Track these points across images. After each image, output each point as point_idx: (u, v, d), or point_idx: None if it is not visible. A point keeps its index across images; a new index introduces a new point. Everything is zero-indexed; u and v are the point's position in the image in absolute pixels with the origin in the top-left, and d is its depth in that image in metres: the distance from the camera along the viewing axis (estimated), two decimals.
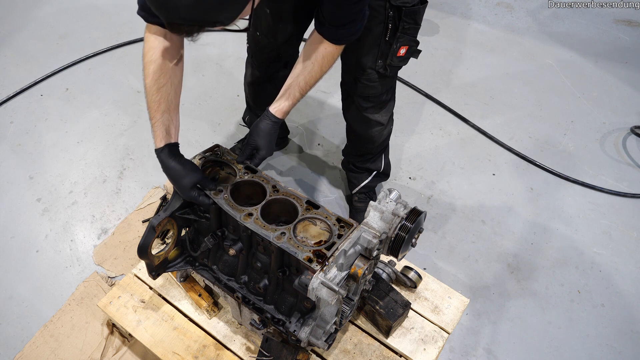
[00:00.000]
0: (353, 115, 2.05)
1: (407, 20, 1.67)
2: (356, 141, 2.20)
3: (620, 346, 2.07)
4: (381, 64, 1.78)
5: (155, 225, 1.47)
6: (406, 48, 1.75)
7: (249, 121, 2.47)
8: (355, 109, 2.00)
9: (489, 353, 2.03)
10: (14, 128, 2.76)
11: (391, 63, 1.78)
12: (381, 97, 1.94)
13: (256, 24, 1.90)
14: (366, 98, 1.92)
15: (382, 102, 1.96)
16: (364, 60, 1.78)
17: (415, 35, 1.75)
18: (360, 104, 1.95)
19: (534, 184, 2.64)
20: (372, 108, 1.97)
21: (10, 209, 2.41)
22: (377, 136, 2.09)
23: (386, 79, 1.86)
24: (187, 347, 1.70)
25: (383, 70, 1.80)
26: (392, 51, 1.74)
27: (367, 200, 2.38)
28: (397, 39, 1.71)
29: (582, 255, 2.36)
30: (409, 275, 1.81)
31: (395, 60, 1.77)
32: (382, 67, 1.79)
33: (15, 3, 3.54)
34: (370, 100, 1.93)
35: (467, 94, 3.10)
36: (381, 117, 2.01)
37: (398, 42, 1.72)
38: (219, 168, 1.60)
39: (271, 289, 1.51)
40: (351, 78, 1.89)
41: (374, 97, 1.92)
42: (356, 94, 1.93)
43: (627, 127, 2.95)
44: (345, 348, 1.71)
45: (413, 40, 1.75)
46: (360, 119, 2.02)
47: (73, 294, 2.11)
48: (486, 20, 3.65)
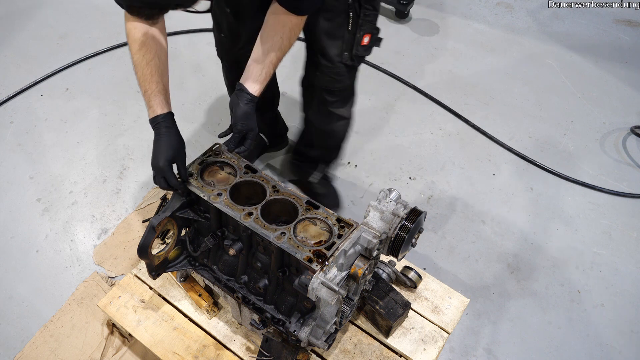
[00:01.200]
0: (316, 110, 2.03)
1: (367, 7, 1.69)
2: (318, 137, 2.17)
3: (620, 346, 2.07)
4: (347, 56, 1.78)
5: (155, 225, 1.47)
6: (369, 36, 1.76)
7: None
8: (318, 105, 1.98)
9: (489, 353, 2.03)
10: (14, 128, 2.76)
11: (357, 53, 1.77)
12: (347, 91, 1.94)
13: (220, 26, 1.88)
14: (332, 92, 1.90)
15: (347, 96, 1.96)
16: (330, 54, 1.77)
17: (376, 22, 1.76)
18: (326, 98, 1.92)
19: (534, 184, 2.64)
20: (338, 102, 1.95)
21: (10, 209, 2.41)
22: (341, 130, 2.08)
23: (352, 71, 1.87)
24: (187, 347, 1.70)
25: (350, 62, 1.79)
26: (356, 40, 1.74)
27: (327, 184, 2.39)
28: (359, 27, 1.71)
29: (582, 255, 2.36)
30: (409, 275, 1.81)
31: (361, 50, 1.77)
32: (349, 59, 1.78)
33: (15, 3, 3.54)
34: (336, 94, 1.92)
35: (467, 94, 3.10)
36: (345, 112, 2.00)
37: (361, 31, 1.72)
38: (218, 168, 1.60)
39: (271, 289, 1.51)
40: (317, 72, 1.86)
41: (340, 90, 1.91)
42: (322, 88, 1.90)
43: (627, 127, 2.95)
44: (345, 348, 1.71)
45: (375, 28, 1.77)
46: (325, 114, 2.00)
47: (73, 294, 2.11)
48: (486, 20, 3.65)
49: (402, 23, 3.56)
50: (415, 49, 3.37)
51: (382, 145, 2.77)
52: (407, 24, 3.56)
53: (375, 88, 3.09)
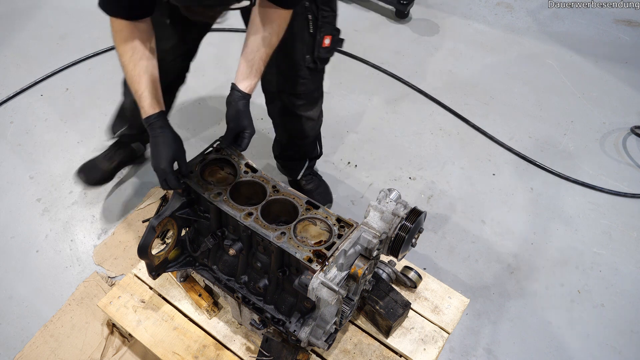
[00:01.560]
0: (283, 114, 2.02)
1: (324, 8, 1.69)
2: (288, 139, 2.18)
3: (620, 346, 2.07)
4: (309, 59, 1.78)
5: (155, 225, 1.47)
6: (330, 37, 1.77)
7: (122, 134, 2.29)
8: (284, 109, 1.98)
9: (489, 353, 2.03)
10: (14, 128, 2.76)
11: (319, 55, 1.78)
12: (313, 94, 1.94)
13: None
14: (298, 96, 1.91)
15: (314, 99, 1.96)
16: (294, 58, 1.77)
17: (335, 23, 1.77)
18: (293, 102, 1.93)
19: (534, 184, 2.64)
20: (304, 105, 1.95)
21: (10, 209, 2.41)
22: (309, 131, 2.08)
23: (317, 74, 1.87)
24: (187, 347, 1.70)
25: (313, 65, 1.80)
26: (317, 43, 1.75)
27: (315, 179, 2.39)
28: (319, 29, 1.72)
29: (582, 255, 2.36)
30: (409, 275, 1.81)
31: (322, 52, 1.78)
32: (311, 62, 1.79)
33: (15, 3, 3.54)
34: (303, 97, 1.92)
35: (467, 94, 3.10)
36: (313, 114, 2.00)
37: (321, 33, 1.73)
38: (218, 167, 1.60)
39: (271, 289, 1.51)
40: (281, 78, 1.85)
41: (306, 94, 1.91)
42: (288, 92, 1.90)
43: (627, 127, 2.95)
44: (345, 348, 1.71)
45: (335, 29, 1.77)
46: (292, 118, 2.00)
47: (73, 294, 2.11)
48: (486, 20, 3.65)
49: (402, 23, 3.56)
50: (415, 49, 3.37)
51: (382, 145, 2.77)
52: (407, 24, 3.56)
53: (375, 88, 3.09)
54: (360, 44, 3.35)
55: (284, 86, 1.88)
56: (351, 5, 3.66)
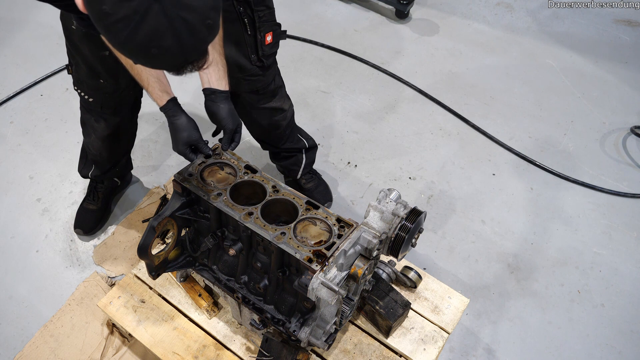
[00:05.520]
0: (249, 111, 2.03)
1: (259, 8, 1.70)
2: (263, 134, 2.18)
3: (620, 346, 2.07)
4: (255, 58, 1.80)
5: (155, 225, 1.47)
6: (271, 34, 1.78)
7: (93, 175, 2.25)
8: (248, 106, 1.99)
9: (489, 353, 2.03)
10: (14, 128, 2.76)
11: (264, 53, 1.79)
12: (269, 87, 1.94)
13: (94, 73, 1.77)
14: (255, 92, 1.93)
15: (272, 91, 1.97)
16: (240, 61, 1.79)
17: (274, 19, 1.78)
18: (252, 98, 1.95)
19: (534, 184, 2.64)
20: (265, 98, 1.97)
21: (10, 209, 2.41)
22: (281, 120, 2.08)
23: (268, 69, 1.88)
24: (187, 347, 1.70)
25: (260, 63, 1.81)
26: (259, 42, 1.76)
27: (315, 178, 2.39)
28: (258, 29, 1.73)
29: (582, 255, 2.36)
30: (409, 275, 1.81)
31: (267, 49, 1.80)
32: (258, 60, 1.80)
33: (15, 3, 3.54)
34: (260, 92, 1.93)
35: (467, 94, 3.10)
36: (277, 103, 2.01)
37: (261, 32, 1.74)
38: (218, 168, 1.60)
39: (271, 289, 1.51)
40: (234, 80, 1.82)
41: (263, 88, 1.92)
42: (245, 92, 1.92)
43: (627, 127, 2.95)
44: (345, 348, 1.71)
45: (275, 24, 1.78)
46: (258, 112, 2.01)
47: (73, 294, 2.11)
48: (486, 20, 3.65)
49: (402, 23, 3.56)
50: (415, 49, 3.37)
51: (382, 145, 2.77)
52: (407, 24, 3.56)
53: (375, 88, 3.09)
54: (360, 44, 3.35)
55: (239, 87, 1.88)
56: (351, 5, 3.66)
